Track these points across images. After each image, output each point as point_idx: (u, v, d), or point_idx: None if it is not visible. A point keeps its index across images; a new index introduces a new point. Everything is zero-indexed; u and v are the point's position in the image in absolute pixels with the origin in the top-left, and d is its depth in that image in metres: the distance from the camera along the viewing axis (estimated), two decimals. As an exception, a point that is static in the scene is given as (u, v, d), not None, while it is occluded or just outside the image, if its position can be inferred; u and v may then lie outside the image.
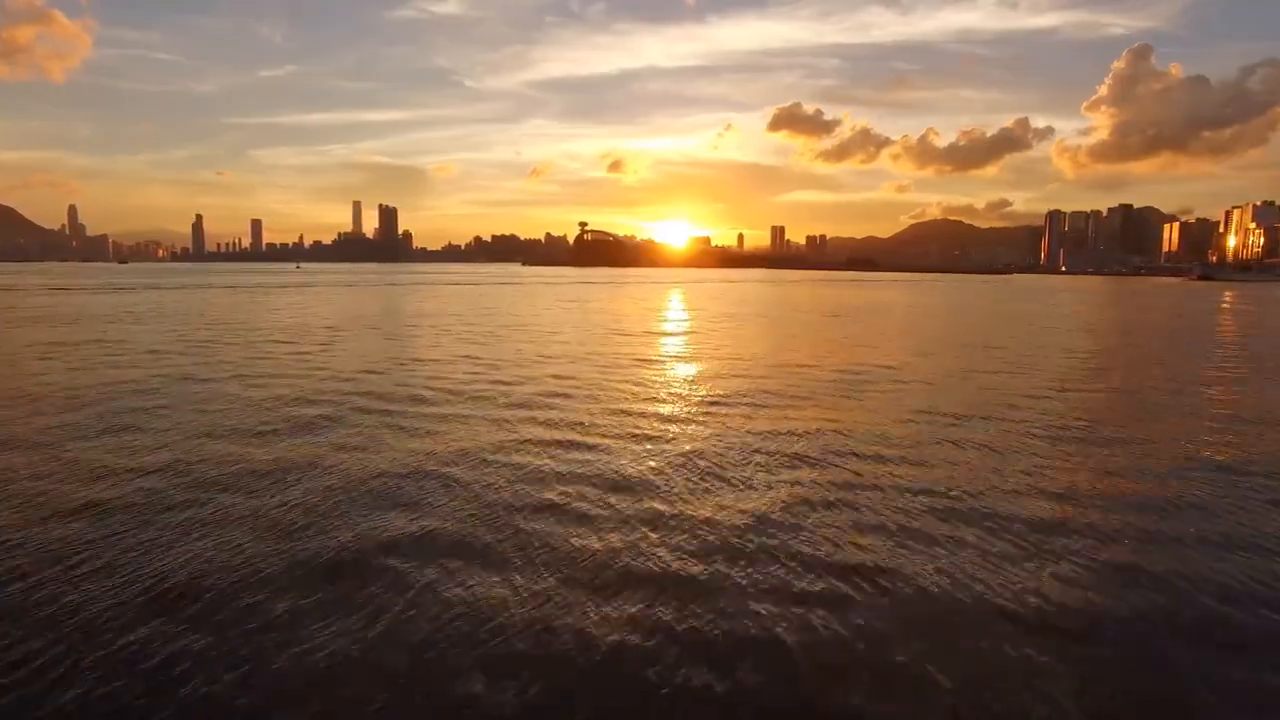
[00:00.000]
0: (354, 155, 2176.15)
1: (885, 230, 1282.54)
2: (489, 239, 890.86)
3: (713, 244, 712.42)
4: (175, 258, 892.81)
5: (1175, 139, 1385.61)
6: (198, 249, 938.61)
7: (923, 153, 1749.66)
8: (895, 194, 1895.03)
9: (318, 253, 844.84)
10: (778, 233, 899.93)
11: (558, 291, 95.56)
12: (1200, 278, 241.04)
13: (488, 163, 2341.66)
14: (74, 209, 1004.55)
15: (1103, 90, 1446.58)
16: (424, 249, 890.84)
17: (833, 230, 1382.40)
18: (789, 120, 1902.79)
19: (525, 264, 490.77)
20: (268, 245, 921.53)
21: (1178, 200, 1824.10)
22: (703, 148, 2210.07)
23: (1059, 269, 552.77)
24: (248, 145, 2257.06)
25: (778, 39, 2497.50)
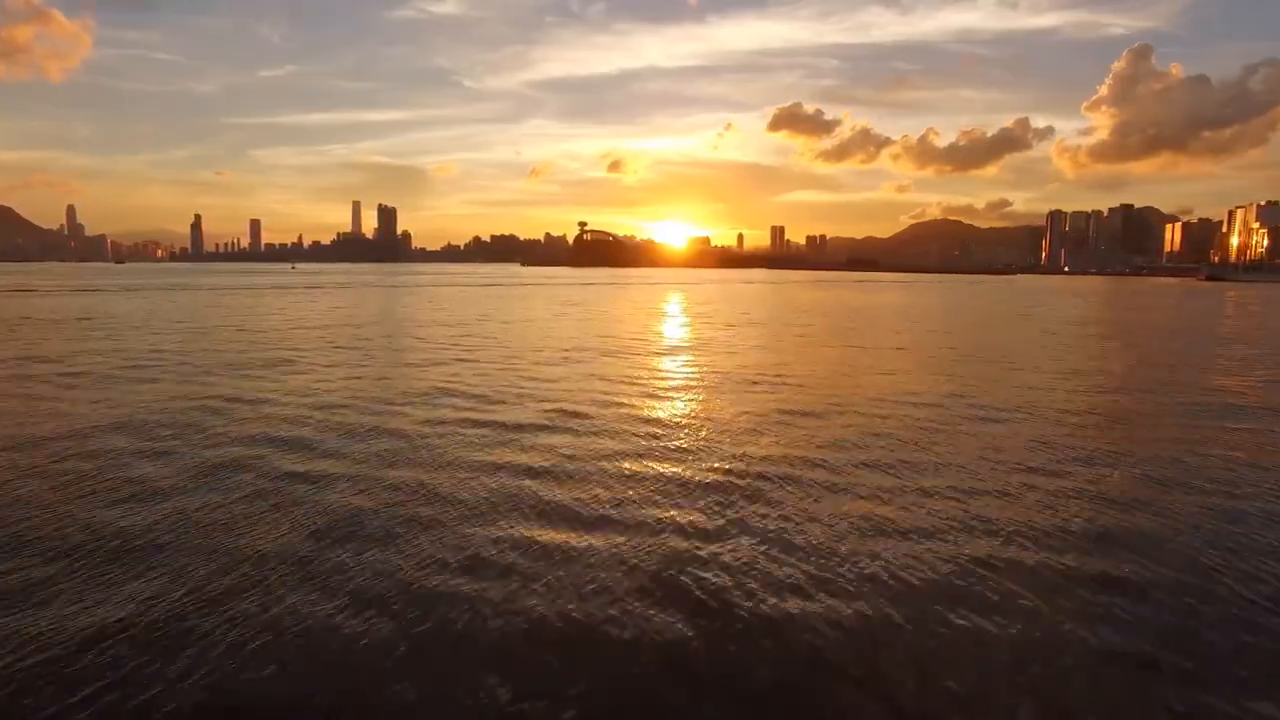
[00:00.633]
0: (353, 155, 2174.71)
1: (885, 230, 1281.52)
2: (488, 239, 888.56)
3: (712, 244, 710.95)
4: (174, 258, 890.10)
5: (1175, 139, 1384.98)
6: (197, 249, 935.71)
7: (923, 153, 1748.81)
8: (895, 194, 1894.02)
9: (317, 253, 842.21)
10: (777, 233, 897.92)
11: (553, 295, 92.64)
12: (1208, 278, 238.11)
13: (487, 163, 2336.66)
14: (73, 209, 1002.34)
15: (1103, 90, 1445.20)
16: (423, 249, 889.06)
17: (832, 230, 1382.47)
18: (789, 120, 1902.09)
19: (524, 264, 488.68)
20: (267, 245, 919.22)
21: (1177, 200, 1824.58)
22: (702, 148, 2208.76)
23: (1061, 269, 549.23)
24: (247, 145, 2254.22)
25: (778, 39, 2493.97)
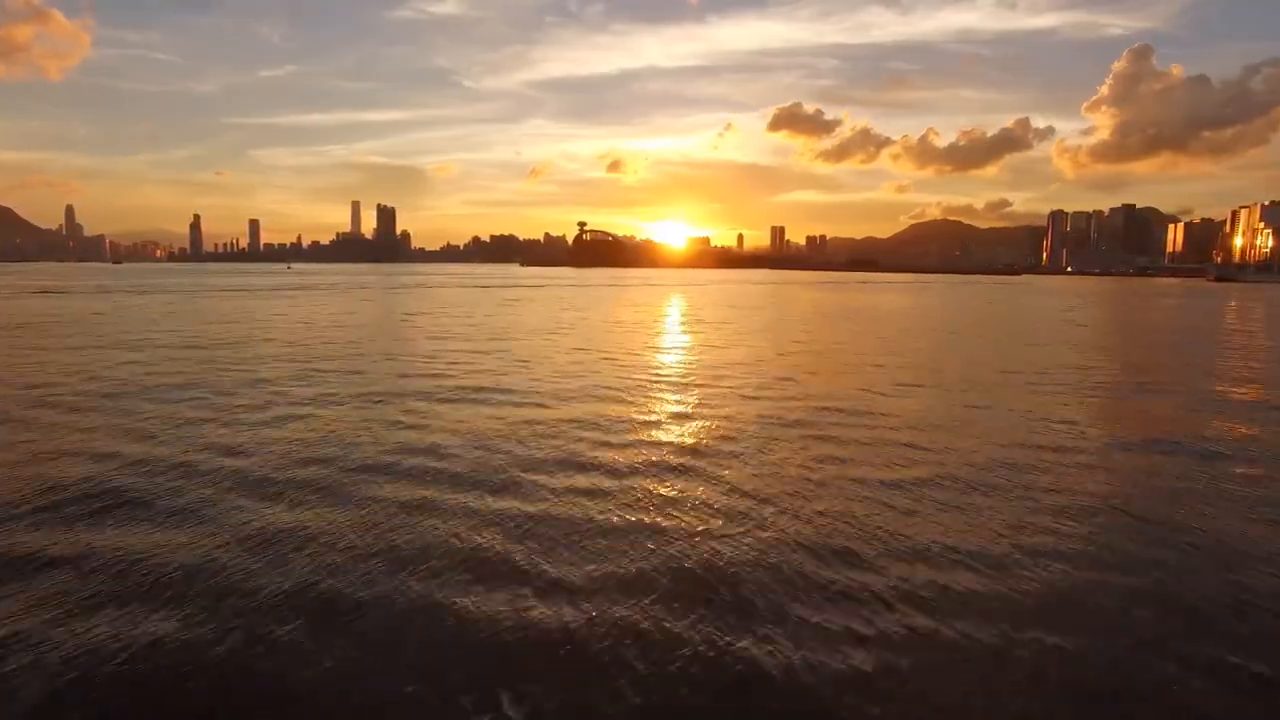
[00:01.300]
0: (353, 155, 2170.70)
1: (885, 230, 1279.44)
2: (487, 239, 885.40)
3: (712, 244, 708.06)
4: (173, 258, 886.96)
5: (1176, 139, 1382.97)
6: (196, 249, 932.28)
7: (923, 153, 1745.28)
8: (895, 194, 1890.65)
9: (316, 253, 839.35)
10: (777, 233, 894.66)
11: (549, 298, 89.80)
12: (1217, 279, 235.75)
13: (487, 163, 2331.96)
14: (71, 209, 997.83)
15: (1103, 90, 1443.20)
16: (422, 249, 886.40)
17: (832, 230, 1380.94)
18: (789, 120, 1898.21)
19: (524, 264, 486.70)
20: (266, 245, 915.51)
21: (1177, 200, 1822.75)
22: (702, 148, 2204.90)
23: (1064, 270, 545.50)
24: (246, 145, 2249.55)
25: (777, 39, 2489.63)
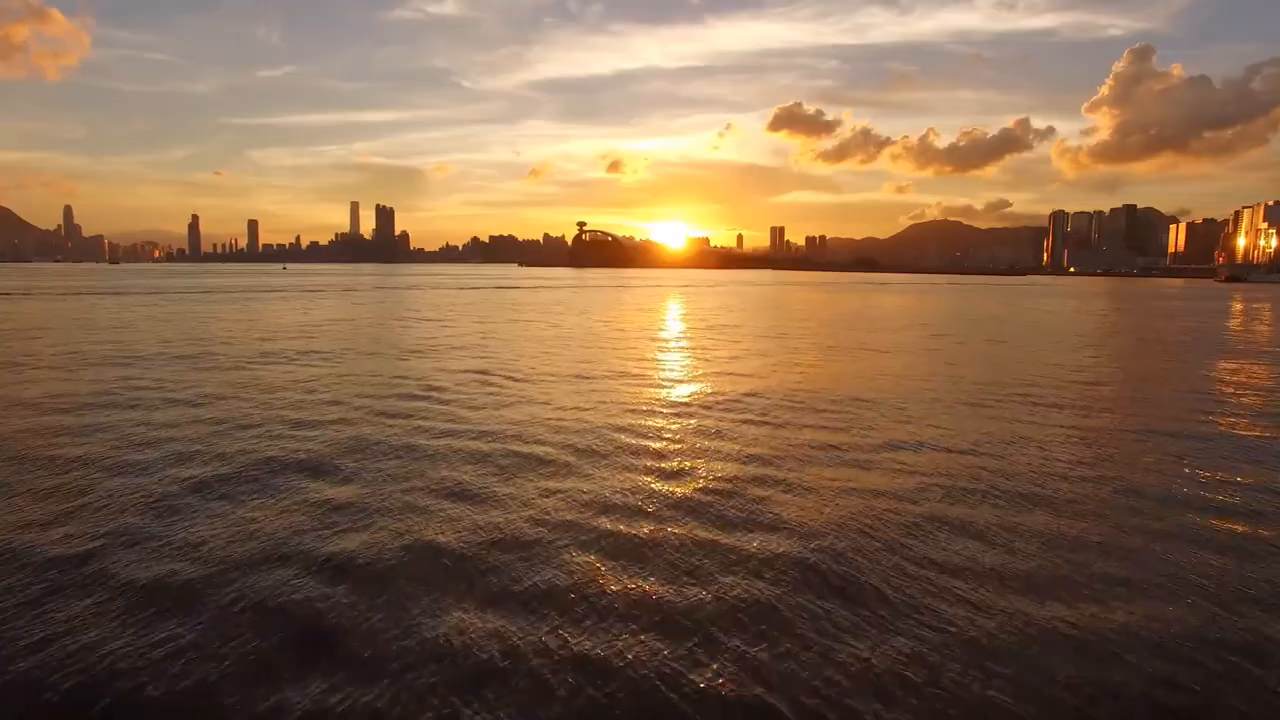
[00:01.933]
0: (351, 156, 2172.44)
1: (884, 231, 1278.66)
2: (486, 239, 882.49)
3: (711, 245, 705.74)
4: (171, 258, 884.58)
5: (1176, 139, 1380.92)
6: (194, 250, 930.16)
7: (923, 153, 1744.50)
8: (895, 194, 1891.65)
9: (314, 253, 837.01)
10: (777, 233, 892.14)
11: (544, 301, 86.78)
12: (1228, 279, 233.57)
13: (485, 163, 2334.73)
14: (69, 209, 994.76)
15: (1104, 90, 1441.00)
16: (421, 249, 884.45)
17: (832, 231, 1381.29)
18: (789, 120, 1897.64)
19: (522, 265, 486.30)
20: (264, 246, 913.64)
21: (1175, 201, 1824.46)
22: (701, 148, 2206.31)
23: (1066, 270, 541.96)
24: (245, 146, 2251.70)
25: (776, 40, 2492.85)
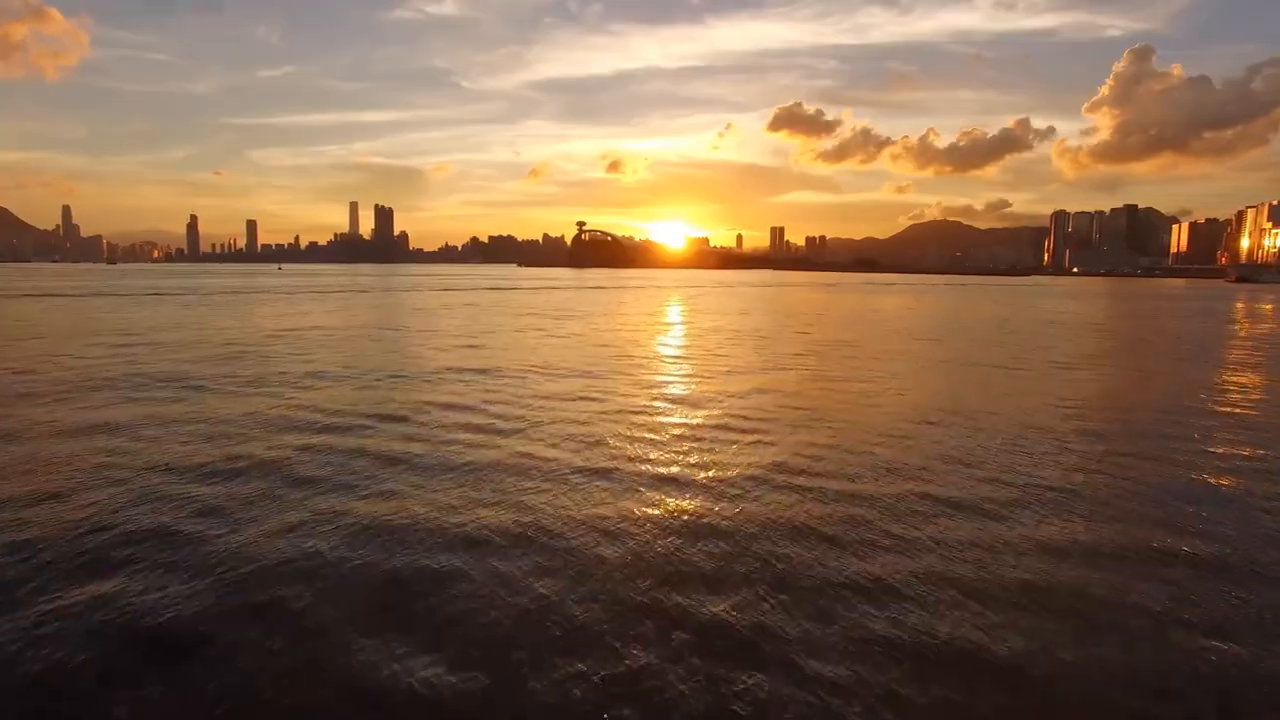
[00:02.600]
0: (351, 156, 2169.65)
1: (884, 231, 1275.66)
2: (486, 240, 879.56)
3: (711, 245, 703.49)
4: (170, 258, 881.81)
5: (1176, 139, 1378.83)
6: (192, 250, 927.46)
7: (923, 153, 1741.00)
8: (895, 194, 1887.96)
9: (313, 253, 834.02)
10: (777, 233, 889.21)
11: (540, 304, 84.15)
12: (1238, 279, 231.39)
13: (485, 163, 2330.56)
14: (68, 209, 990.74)
15: (1104, 91, 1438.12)
16: (420, 250, 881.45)
17: (832, 231, 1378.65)
18: (789, 120, 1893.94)
19: (522, 265, 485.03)
20: (263, 246, 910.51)
21: (1175, 201, 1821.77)
22: (701, 148, 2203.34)
23: (1069, 271, 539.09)
24: (244, 146, 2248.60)
25: (775, 40, 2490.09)
